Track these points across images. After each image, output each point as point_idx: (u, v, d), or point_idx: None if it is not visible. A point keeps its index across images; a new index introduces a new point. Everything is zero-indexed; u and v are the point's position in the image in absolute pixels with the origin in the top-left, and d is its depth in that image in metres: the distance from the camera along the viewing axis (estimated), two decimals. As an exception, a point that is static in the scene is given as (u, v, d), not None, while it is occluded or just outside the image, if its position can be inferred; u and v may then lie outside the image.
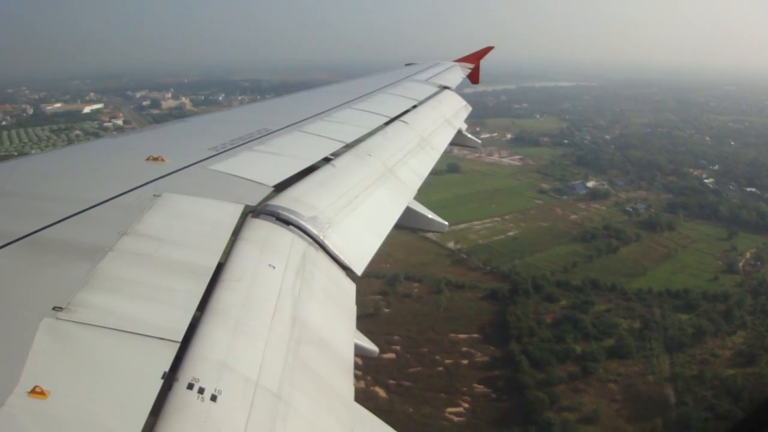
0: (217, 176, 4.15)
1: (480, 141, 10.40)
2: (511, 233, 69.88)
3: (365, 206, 4.60)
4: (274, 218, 3.66)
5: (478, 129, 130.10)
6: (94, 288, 2.46)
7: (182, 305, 2.47)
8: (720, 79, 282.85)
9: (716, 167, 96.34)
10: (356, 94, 8.67)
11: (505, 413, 38.35)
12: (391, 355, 44.38)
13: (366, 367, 41.83)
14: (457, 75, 13.78)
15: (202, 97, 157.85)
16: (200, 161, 4.42)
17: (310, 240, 3.63)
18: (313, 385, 2.51)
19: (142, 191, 3.63)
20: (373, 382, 40.61)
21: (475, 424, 37.37)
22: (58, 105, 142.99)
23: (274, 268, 3.09)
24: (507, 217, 75.28)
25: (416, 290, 54.72)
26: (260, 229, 3.50)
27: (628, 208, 77.24)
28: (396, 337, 46.73)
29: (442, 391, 40.60)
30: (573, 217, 75.64)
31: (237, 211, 3.58)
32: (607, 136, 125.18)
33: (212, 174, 4.18)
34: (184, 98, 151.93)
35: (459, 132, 9.09)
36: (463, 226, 70.44)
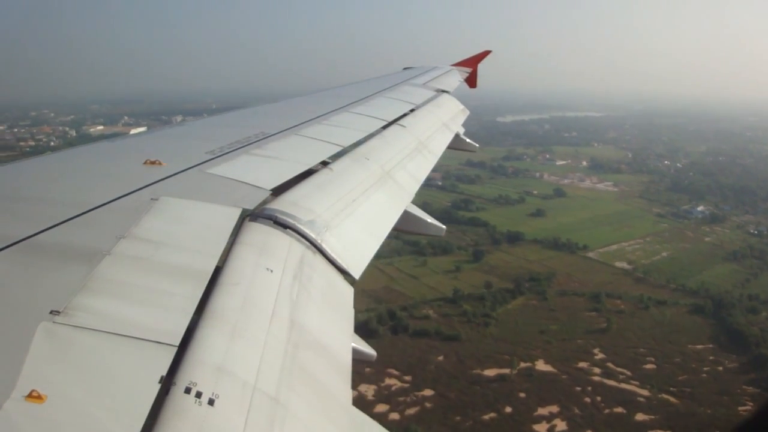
0: (215, 180, 4.17)
1: (477, 146, 10.35)
2: (664, 254, 76.15)
3: (363, 210, 4.64)
4: (272, 222, 3.68)
5: (548, 156, 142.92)
6: (91, 292, 2.47)
7: (180, 309, 2.49)
8: (735, 110, 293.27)
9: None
10: (354, 98, 8.67)
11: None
12: (652, 366, 48.48)
13: (641, 377, 45.97)
14: (455, 79, 13.82)
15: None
16: (198, 165, 4.43)
17: (308, 244, 3.66)
18: (311, 389, 2.54)
19: (139, 195, 3.65)
20: (658, 390, 44.42)
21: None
22: (101, 128, 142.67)
23: (271, 271, 3.11)
24: (648, 239, 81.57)
25: (622, 306, 59.44)
26: (258, 232, 3.52)
27: (752, 231, 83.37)
28: (641, 350, 50.96)
29: (721, 393, 44.73)
30: (707, 239, 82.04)
31: (234, 214, 3.61)
32: (679, 165, 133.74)
33: (210, 178, 4.21)
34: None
35: (457, 136, 9.14)
36: (614, 247, 77.99)
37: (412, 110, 8.64)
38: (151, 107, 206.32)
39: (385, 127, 7.18)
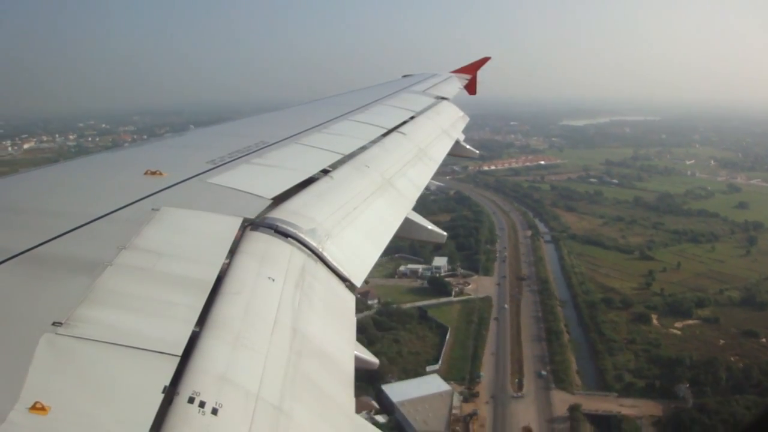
0: (216, 189, 4.17)
1: (478, 152, 10.31)
2: None
3: (364, 218, 4.62)
4: (273, 231, 3.67)
5: (668, 156, 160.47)
6: (93, 303, 2.47)
7: (182, 319, 2.49)
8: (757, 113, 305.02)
9: None
10: (353, 105, 8.66)
11: None
12: None
13: None
14: (455, 86, 13.83)
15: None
16: (198, 174, 4.43)
17: (309, 252, 3.65)
18: (314, 397, 2.52)
19: (140, 205, 3.64)
20: None
21: None
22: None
23: (273, 280, 3.11)
24: None
25: None
26: (259, 241, 3.52)
27: None
28: None
29: None
30: None
31: (236, 224, 3.60)
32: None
33: (210, 187, 4.20)
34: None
35: (457, 142, 9.11)
36: None
37: (412, 117, 8.70)
38: (192, 118, 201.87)
39: (385, 135, 7.21)
